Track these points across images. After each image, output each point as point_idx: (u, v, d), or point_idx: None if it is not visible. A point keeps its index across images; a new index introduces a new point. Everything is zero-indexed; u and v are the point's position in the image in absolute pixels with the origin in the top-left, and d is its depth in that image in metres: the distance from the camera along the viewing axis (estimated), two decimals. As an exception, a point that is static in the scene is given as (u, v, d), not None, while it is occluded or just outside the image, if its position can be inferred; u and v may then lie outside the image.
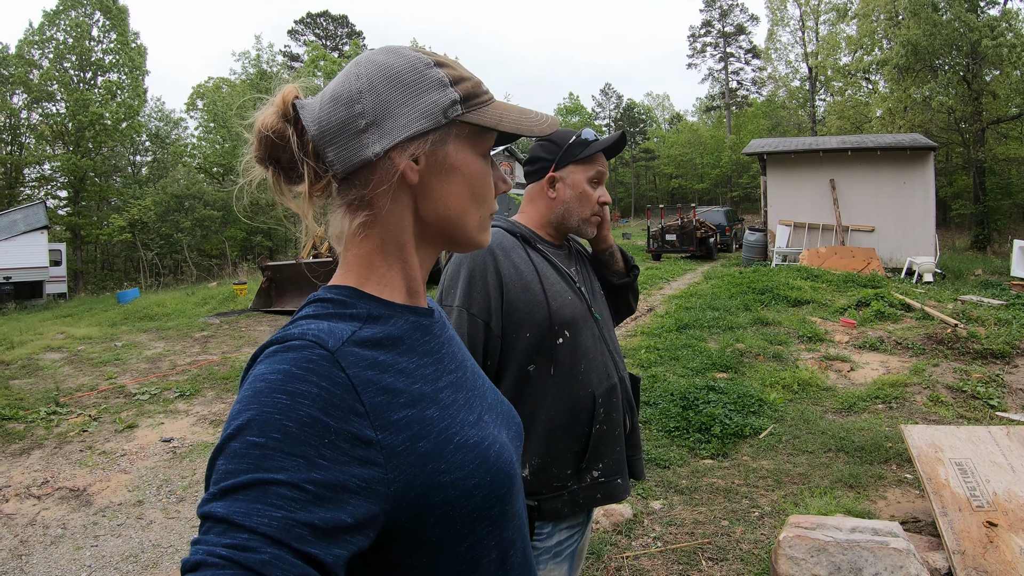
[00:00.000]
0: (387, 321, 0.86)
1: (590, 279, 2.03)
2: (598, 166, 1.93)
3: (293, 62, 53.82)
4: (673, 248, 23.23)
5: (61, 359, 10.60)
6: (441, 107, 0.88)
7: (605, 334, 1.92)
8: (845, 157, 18.54)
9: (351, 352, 0.77)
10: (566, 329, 1.78)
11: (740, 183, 55.98)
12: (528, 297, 1.76)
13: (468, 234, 0.95)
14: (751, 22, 61.76)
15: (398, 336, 0.86)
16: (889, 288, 12.14)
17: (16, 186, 35.94)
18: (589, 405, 1.78)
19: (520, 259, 1.81)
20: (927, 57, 27.77)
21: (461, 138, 0.91)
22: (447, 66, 0.91)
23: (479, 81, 0.93)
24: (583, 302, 1.88)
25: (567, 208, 1.93)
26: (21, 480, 5.57)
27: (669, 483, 4.65)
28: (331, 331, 0.78)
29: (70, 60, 34.76)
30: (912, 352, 8.11)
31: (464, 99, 0.89)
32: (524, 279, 1.78)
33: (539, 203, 1.98)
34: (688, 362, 7.74)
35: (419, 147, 0.88)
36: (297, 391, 0.70)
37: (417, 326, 0.91)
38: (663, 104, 76.33)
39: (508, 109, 0.94)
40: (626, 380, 1.94)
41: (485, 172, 0.95)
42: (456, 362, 0.95)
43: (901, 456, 4.92)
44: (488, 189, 0.95)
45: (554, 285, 1.82)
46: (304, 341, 0.75)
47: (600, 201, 1.94)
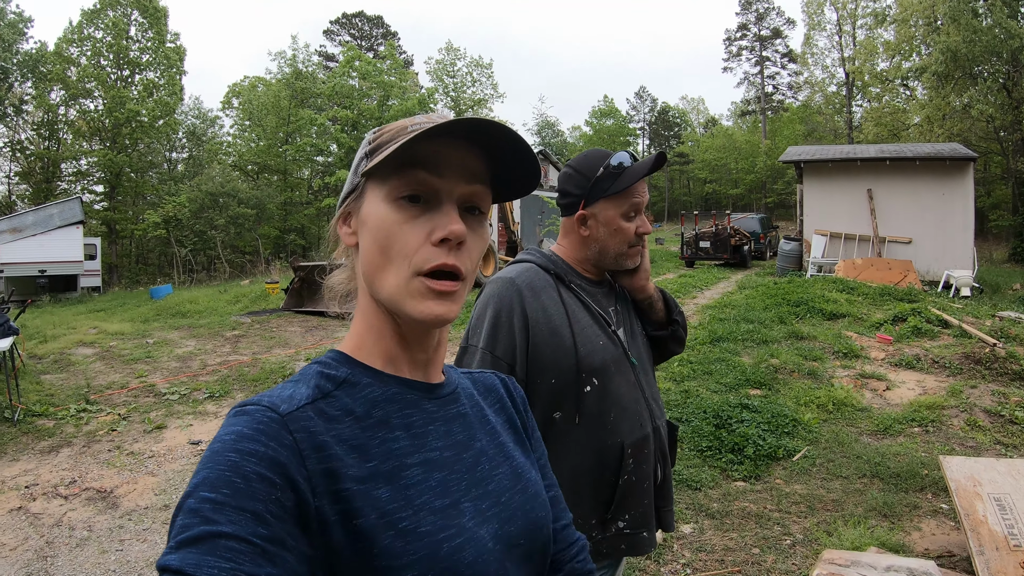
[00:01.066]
0: (362, 390, 0.85)
1: (630, 319, 1.91)
2: (633, 198, 1.76)
3: (329, 62, 54.14)
4: (707, 255, 22.97)
5: (93, 355, 10.73)
6: (356, 166, 0.90)
7: (642, 379, 1.80)
8: (883, 166, 18.24)
9: (304, 417, 0.77)
10: (595, 376, 1.68)
11: (775, 189, 55.37)
12: (555, 341, 1.66)
13: (388, 299, 0.85)
14: (787, 26, 61.10)
15: (365, 409, 0.83)
16: (926, 303, 11.88)
17: (53, 180, 36.52)
18: (617, 455, 1.69)
19: (550, 300, 1.71)
20: (967, 64, 27.27)
21: (374, 191, 0.87)
22: (384, 127, 0.90)
23: (405, 125, 0.87)
24: (618, 346, 1.77)
25: (601, 246, 1.80)
26: (49, 479, 5.62)
27: (700, 506, 4.56)
28: (291, 396, 0.79)
29: (108, 58, 35.21)
30: (949, 372, 7.91)
31: (372, 151, 0.88)
32: (552, 322, 1.67)
33: (573, 238, 1.86)
34: (721, 377, 7.62)
35: (345, 209, 0.91)
36: (245, 449, 0.71)
37: (398, 398, 0.87)
38: (698, 108, 75.77)
39: (400, 140, 0.83)
40: (661, 429, 1.83)
41: (391, 219, 0.84)
42: (449, 440, 0.89)
43: (937, 485, 4.77)
44: (396, 238, 0.83)
45: (585, 329, 1.71)
46: (259, 406, 0.76)
47: (639, 232, 1.79)
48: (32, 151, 36.05)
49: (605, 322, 1.78)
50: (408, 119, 0.89)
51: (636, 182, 1.73)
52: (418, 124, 0.85)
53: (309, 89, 40.89)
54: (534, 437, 1.08)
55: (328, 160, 41.15)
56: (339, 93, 37.19)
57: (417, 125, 0.85)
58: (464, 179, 0.86)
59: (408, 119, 0.89)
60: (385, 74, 37.66)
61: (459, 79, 54.32)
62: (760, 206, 55.19)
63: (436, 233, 0.83)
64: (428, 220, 0.84)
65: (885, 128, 37.63)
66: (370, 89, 37.52)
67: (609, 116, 66.26)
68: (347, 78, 37.50)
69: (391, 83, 37.59)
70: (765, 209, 52.05)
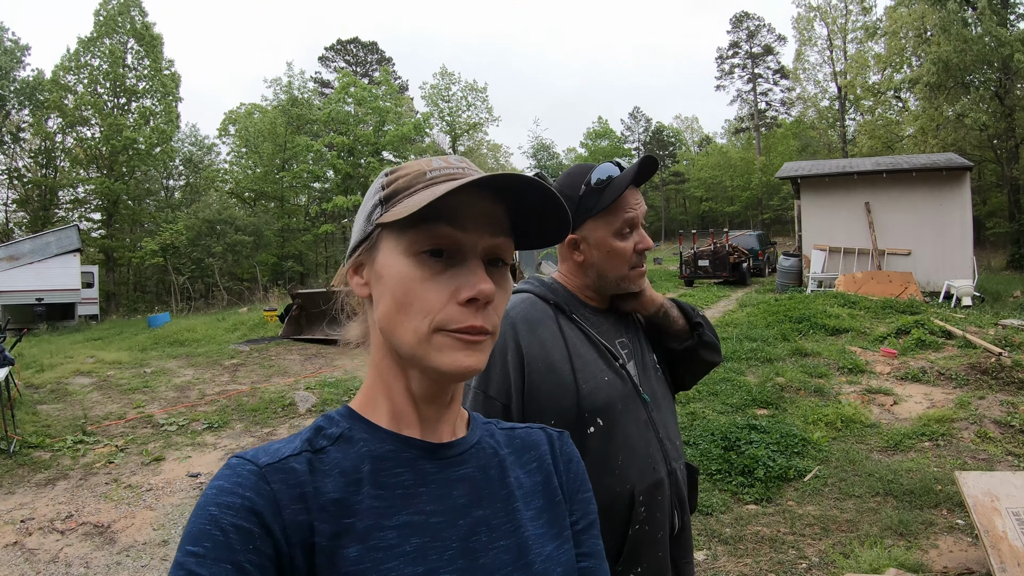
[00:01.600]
0: (355, 445, 0.82)
1: (642, 349, 1.72)
2: (624, 212, 1.57)
3: (324, 88, 54.42)
4: (706, 273, 22.88)
5: (90, 384, 10.63)
6: (367, 215, 0.86)
7: (655, 418, 1.62)
8: (880, 179, 18.24)
9: (285, 469, 0.77)
10: (599, 416, 1.51)
11: (771, 205, 55.52)
12: (554, 379, 1.50)
13: (408, 352, 0.80)
14: (779, 42, 61.57)
15: (353, 465, 0.80)
16: (928, 314, 11.83)
17: (51, 208, 36.59)
18: (626, 503, 1.50)
19: (549, 333, 1.55)
20: (958, 74, 27.39)
21: (387, 241, 0.82)
22: (397, 170, 0.86)
23: (422, 171, 0.83)
24: (627, 382, 1.59)
25: (599, 271, 1.62)
26: (45, 513, 5.52)
27: (712, 532, 4.46)
28: (277, 450, 0.79)
29: (104, 86, 35.41)
30: (956, 383, 7.85)
31: (386, 199, 0.83)
32: (550, 358, 1.51)
33: (570, 263, 1.69)
34: (727, 397, 7.54)
35: (356, 260, 0.87)
36: (224, 503, 0.72)
37: (390, 456, 0.82)
38: (692, 127, 76.10)
39: (424, 192, 0.79)
40: (678, 473, 1.64)
41: (411, 275, 0.79)
42: (444, 504, 0.82)
43: (952, 500, 4.69)
44: (417, 295, 0.78)
45: (588, 364, 1.54)
46: (242, 459, 0.77)
47: (638, 249, 1.61)
48: (29, 179, 36.13)
49: (612, 356, 1.60)
50: (424, 161, 0.85)
51: (623, 194, 1.55)
52: (437, 170, 0.82)
53: (305, 115, 41.05)
54: (577, 499, 0.98)
55: (325, 186, 41.27)
56: (335, 119, 37.30)
57: (436, 172, 0.82)
58: (489, 231, 0.81)
59: (424, 161, 0.85)
60: (380, 100, 37.80)
61: (454, 103, 54.74)
62: (757, 222, 55.33)
63: (463, 293, 0.78)
64: (452, 277, 0.79)
65: (879, 140, 37.78)
66: (366, 115, 37.63)
67: (604, 137, 66.53)
68: (343, 104, 37.62)
69: (387, 108, 37.72)
70: (762, 225, 52.18)
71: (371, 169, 36.33)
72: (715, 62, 64.84)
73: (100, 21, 34.96)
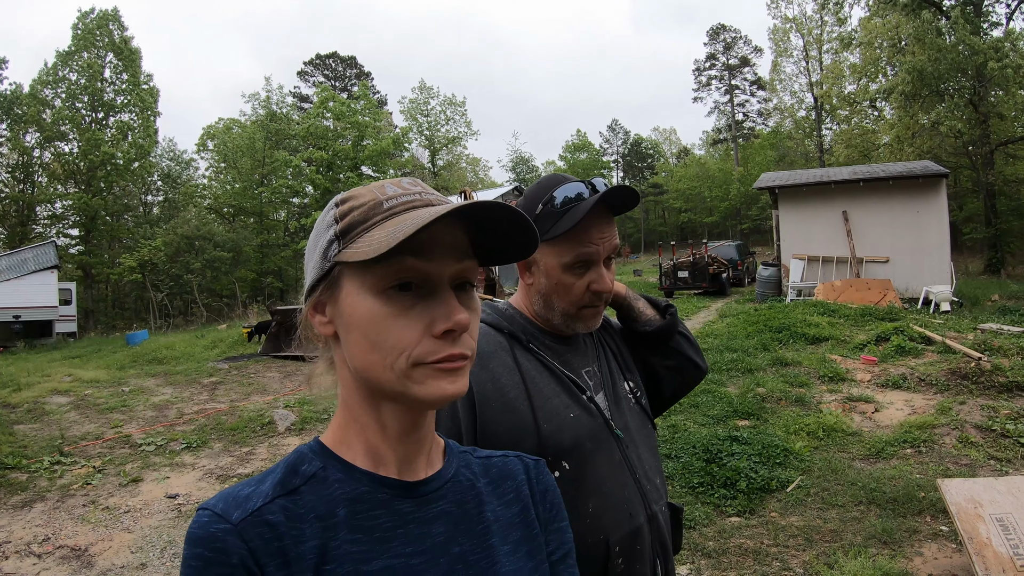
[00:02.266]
0: (329, 487, 0.80)
1: (613, 378, 1.53)
2: (580, 245, 1.36)
3: (303, 103, 54.32)
4: (686, 285, 22.98)
5: (67, 403, 10.50)
6: (323, 251, 0.81)
7: (631, 455, 1.43)
8: (857, 188, 18.42)
9: (259, 522, 0.74)
10: (564, 459, 1.33)
11: (749, 215, 55.96)
12: (511, 419, 1.31)
13: (389, 389, 0.78)
14: (755, 54, 62.33)
15: (329, 508, 0.78)
16: (908, 320, 11.93)
17: (28, 223, 36.34)
18: (601, 554, 1.32)
19: (502, 368, 1.36)
20: (933, 82, 27.71)
21: (350, 279, 0.78)
22: (349, 199, 0.82)
23: (377, 201, 0.79)
24: (596, 417, 1.41)
25: (544, 300, 1.44)
26: (22, 536, 5.42)
27: (696, 545, 4.44)
28: (248, 497, 0.77)
29: (82, 100, 35.26)
30: (936, 389, 7.90)
31: (342, 233, 0.79)
32: (505, 395, 1.32)
33: (522, 286, 1.51)
34: (708, 409, 7.53)
35: (315, 299, 0.83)
36: (199, 568, 0.71)
37: (365, 498, 0.80)
38: (670, 138, 76.64)
39: (388, 225, 0.76)
40: (660, 516, 1.45)
41: (381, 313, 0.76)
42: (423, 544, 0.81)
43: (935, 507, 4.70)
44: (390, 333, 0.76)
45: (549, 400, 1.36)
46: (212, 515, 0.74)
47: (593, 289, 1.39)
48: (6, 194, 35.86)
49: (578, 388, 1.42)
50: (375, 188, 0.82)
51: (581, 222, 1.33)
52: (393, 199, 0.80)
53: (284, 131, 41.00)
54: (552, 528, 0.96)
55: (304, 202, 41.11)
56: (313, 134, 37.19)
57: (393, 200, 0.79)
58: (454, 257, 0.79)
59: (375, 188, 0.82)
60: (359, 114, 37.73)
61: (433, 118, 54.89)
62: (736, 233, 55.72)
63: (438, 325, 0.76)
64: (425, 309, 0.77)
65: (856, 149, 38.16)
66: (344, 129, 37.55)
67: (583, 150, 66.81)
68: (321, 119, 37.52)
69: (365, 123, 37.65)
70: (741, 235, 52.54)
71: (350, 184, 36.21)
72: (692, 74, 65.44)
73: (78, 35, 34.83)
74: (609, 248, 1.40)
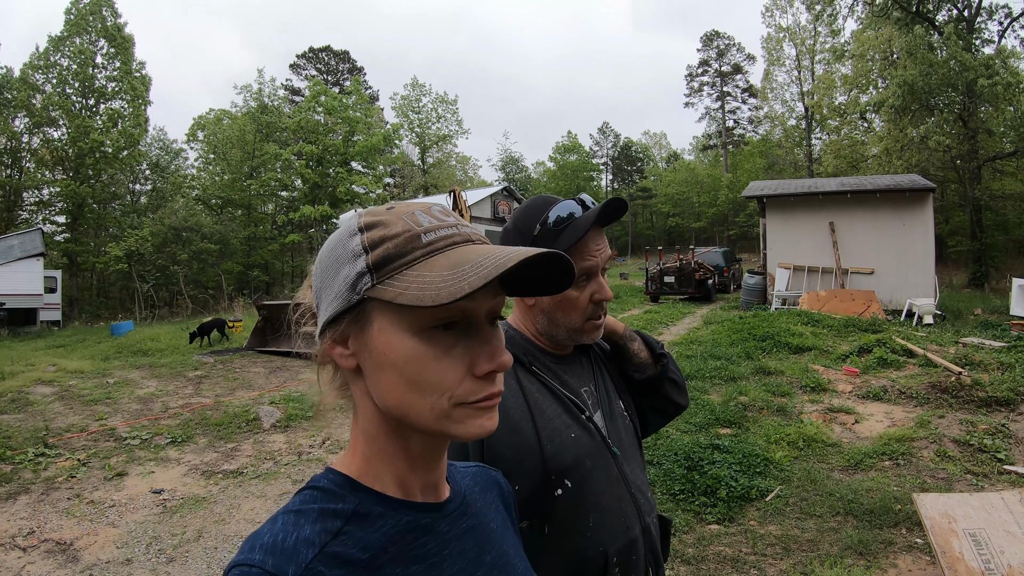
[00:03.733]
0: (374, 522, 0.77)
1: (609, 397, 1.60)
2: (582, 259, 1.44)
3: (294, 96, 54.19)
4: (671, 290, 23.02)
5: (52, 394, 10.45)
6: (350, 283, 0.75)
7: (626, 471, 1.51)
8: (844, 199, 18.57)
9: (316, 575, 0.69)
10: (566, 477, 1.39)
11: (737, 222, 56.26)
12: (516, 441, 1.37)
13: (424, 427, 0.76)
14: (748, 61, 62.59)
15: (381, 544, 0.75)
16: (890, 332, 12.05)
17: (14, 209, 36.08)
18: (599, 566, 1.40)
19: (507, 391, 1.39)
20: (923, 96, 27.99)
21: (384, 315, 0.74)
22: (376, 226, 0.77)
23: (415, 234, 0.75)
24: (594, 436, 1.48)
25: (549, 318, 1.49)
26: (7, 528, 5.42)
27: (675, 552, 4.50)
28: (295, 549, 0.71)
29: (73, 86, 34.94)
30: (916, 402, 8.00)
31: (376, 266, 0.74)
32: (510, 418, 1.38)
33: (522, 306, 1.56)
34: (691, 416, 7.60)
35: (338, 331, 0.78)
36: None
37: (412, 527, 0.79)
38: (660, 143, 77.02)
39: (435, 266, 0.72)
40: (652, 528, 1.53)
41: (423, 355, 0.73)
42: (463, 561, 0.82)
43: (911, 519, 4.78)
44: (432, 374, 0.73)
45: (551, 421, 1.42)
46: (263, 573, 0.68)
47: (595, 299, 1.47)
48: (-6, 179, 35.49)
49: (578, 408, 1.48)
50: (405, 214, 0.78)
51: (580, 239, 1.41)
52: (431, 231, 0.76)
53: (275, 123, 40.86)
54: None
55: (293, 195, 41.01)
56: (304, 128, 37.13)
57: (432, 234, 0.75)
58: (492, 293, 0.77)
59: (405, 214, 0.78)
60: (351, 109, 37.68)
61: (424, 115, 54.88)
62: (723, 239, 56.01)
63: (482, 366, 0.75)
64: (466, 349, 0.75)
65: (844, 160, 38.45)
66: (335, 124, 37.51)
67: (573, 152, 66.95)
68: (313, 113, 37.47)
69: (357, 119, 37.62)
70: (728, 242, 52.81)
71: (339, 179, 36.18)
72: (684, 79, 65.60)
73: (71, 20, 34.52)
74: (604, 258, 1.47)
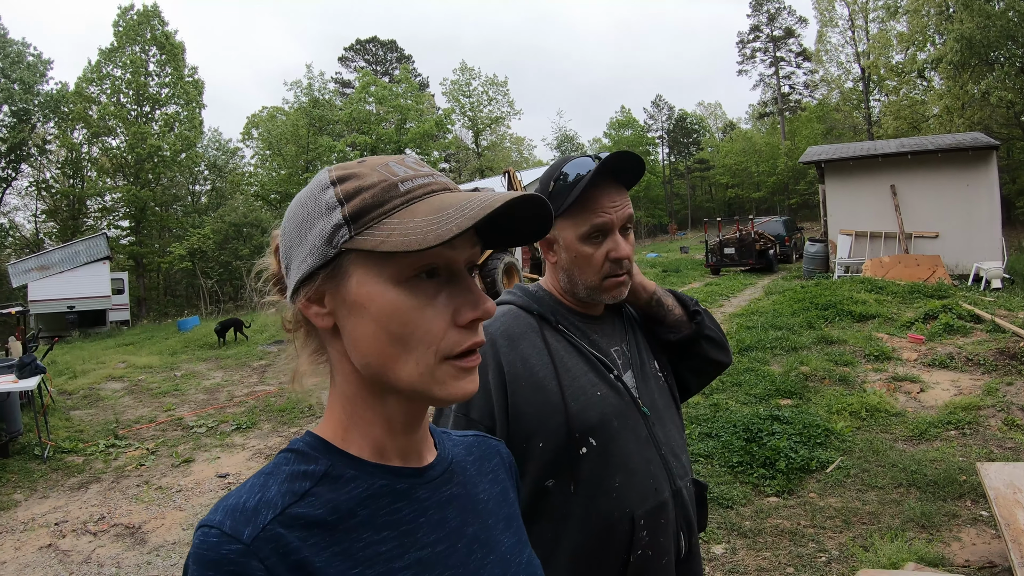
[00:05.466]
0: (345, 485, 0.74)
1: (641, 357, 1.57)
2: (593, 215, 1.42)
3: (345, 88, 54.71)
4: (732, 262, 22.67)
5: (122, 389, 10.83)
6: (325, 236, 0.73)
7: (657, 433, 1.48)
8: (905, 161, 17.95)
9: (273, 536, 0.67)
10: (591, 436, 1.38)
11: (797, 190, 54.97)
12: (540, 398, 1.37)
13: (407, 386, 0.73)
14: (800, 24, 60.73)
15: (350, 508, 0.73)
16: (957, 298, 11.67)
17: (79, 217, 37.22)
18: (626, 528, 1.38)
19: (532, 348, 1.42)
20: (982, 51, 26.84)
21: (363, 267, 0.72)
22: (349, 179, 0.74)
23: (392, 183, 0.73)
24: (623, 395, 1.45)
25: (568, 276, 1.49)
26: (78, 515, 5.66)
27: (732, 525, 4.45)
28: (256, 510, 0.69)
29: (128, 95, 35.78)
30: (984, 369, 7.74)
31: (353, 217, 0.71)
32: (535, 375, 1.39)
33: (549, 266, 1.56)
34: (751, 388, 7.49)
35: (313, 288, 0.75)
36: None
37: (386, 491, 0.76)
38: (715, 113, 75.53)
39: (417, 212, 0.70)
40: (684, 491, 1.49)
41: (406, 305, 0.71)
42: (443, 530, 0.79)
43: (976, 491, 4.62)
44: (416, 326, 0.71)
45: (577, 379, 1.42)
46: (221, 534, 0.67)
47: (612, 257, 1.44)
48: (57, 189, 36.76)
49: (605, 367, 1.47)
50: (378, 165, 0.76)
51: (589, 193, 1.41)
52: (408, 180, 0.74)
53: (327, 116, 41.29)
54: None
55: (349, 186, 41.34)
56: (356, 119, 37.48)
57: (409, 183, 0.74)
58: (470, 243, 0.76)
59: (378, 165, 0.76)
60: (401, 97, 37.90)
61: (475, 98, 54.79)
62: (784, 208, 54.85)
63: (466, 314, 0.73)
64: (448, 298, 0.74)
65: (905, 121, 37.24)
66: (387, 113, 37.78)
67: (627, 127, 66.18)
68: (363, 104, 37.79)
69: (408, 106, 37.82)
70: (788, 211, 51.74)
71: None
72: (736, 47, 64.05)
73: (120, 32, 35.34)
74: (623, 217, 1.44)
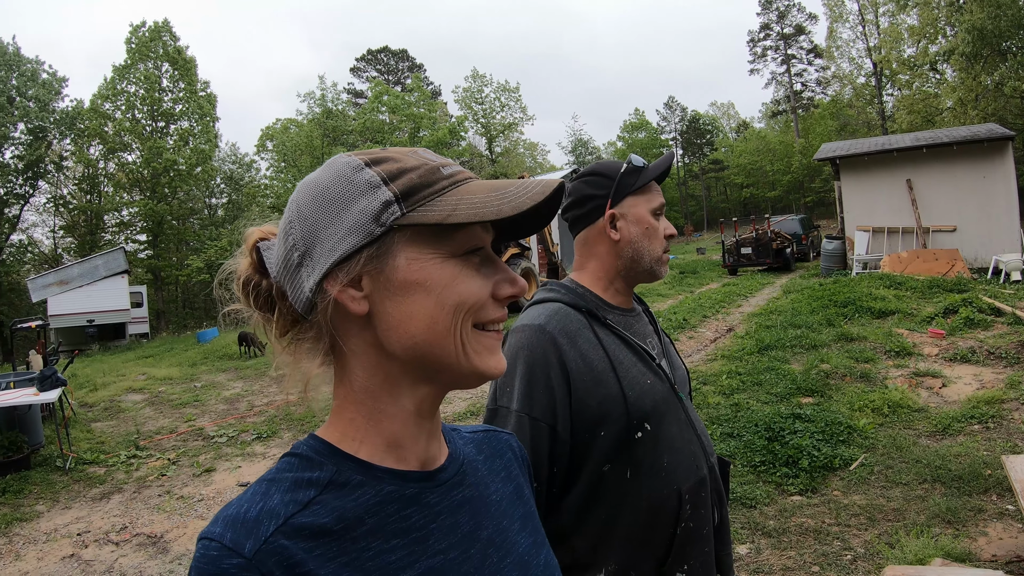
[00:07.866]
0: (352, 491, 0.72)
1: (668, 346, 1.72)
2: (658, 196, 1.63)
3: (357, 99, 54.93)
4: (749, 261, 22.66)
5: (142, 400, 10.91)
6: (371, 214, 0.71)
7: (691, 415, 1.61)
8: (920, 155, 17.82)
9: (277, 548, 0.65)
10: (646, 421, 1.47)
11: (813, 187, 54.65)
12: (601, 391, 1.45)
13: (453, 363, 0.73)
14: (810, 21, 60.32)
15: (357, 515, 0.71)
16: (977, 291, 11.55)
17: (97, 232, 37.58)
18: (674, 504, 1.48)
19: (588, 344, 1.49)
20: (994, 41, 26.61)
21: (414, 244, 0.72)
22: (385, 161, 0.74)
23: (434, 167, 0.74)
24: (664, 382, 1.56)
25: (636, 249, 1.60)
26: (100, 525, 5.70)
27: (756, 524, 4.42)
28: (257, 521, 0.66)
29: (142, 110, 36.17)
30: (1006, 362, 7.66)
31: (404, 195, 0.71)
32: (594, 370, 1.46)
33: (599, 250, 1.64)
34: (772, 387, 7.44)
35: (353, 269, 0.72)
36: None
37: (395, 497, 0.74)
38: (728, 113, 75.22)
39: (472, 191, 0.72)
40: (715, 468, 1.62)
41: (461, 275, 0.73)
42: (455, 536, 0.77)
43: (1002, 485, 4.57)
44: (471, 293, 0.73)
45: (629, 370, 1.50)
46: (222, 547, 0.64)
47: (666, 234, 1.63)
48: (75, 205, 37.20)
49: (649, 356, 1.58)
50: (407, 151, 0.77)
51: (655, 178, 1.63)
52: (448, 165, 0.77)
53: (340, 127, 41.45)
54: None
55: (365, 195, 41.52)
56: (370, 128, 37.60)
57: (449, 168, 0.76)
58: (489, 232, 0.79)
59: (407, 151, 0.77)
60: (414, 106, 37.99)
61: (487, 105, 54.85)
62: (799, 206, 54.53)
63: (504, 289, 0.76)
64: (487, 274, 0.76)
65: (918, 115, 36.95)
66: (400, 122, 37.88)
67: (641, 129, 66.24)
68: (376, 113, 37.90)
69: (421, 115, 37.91)
70: (804, 209, 51.42)
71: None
72: (747, 45, 63.73)
73: (132, 49, 35.73)
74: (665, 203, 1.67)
